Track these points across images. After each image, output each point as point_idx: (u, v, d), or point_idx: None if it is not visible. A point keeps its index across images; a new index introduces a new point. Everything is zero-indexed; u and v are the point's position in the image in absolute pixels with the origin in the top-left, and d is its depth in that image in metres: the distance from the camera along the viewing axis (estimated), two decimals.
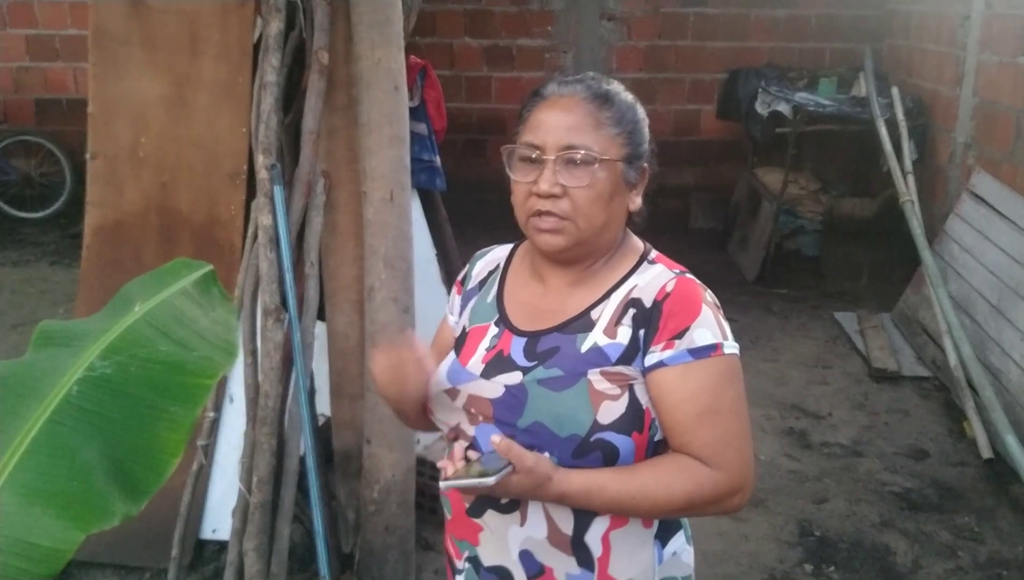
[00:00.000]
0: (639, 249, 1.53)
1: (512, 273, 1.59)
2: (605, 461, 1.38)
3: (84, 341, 1.33)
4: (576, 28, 7.27)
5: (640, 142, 1.48)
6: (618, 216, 1.48)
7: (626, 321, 1.43)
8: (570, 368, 1.41)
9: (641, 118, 1.50)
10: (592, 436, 1.37)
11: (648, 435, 1.41)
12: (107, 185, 3.35)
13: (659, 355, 1.39)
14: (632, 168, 1.46)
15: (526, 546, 1.45)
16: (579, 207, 1.41)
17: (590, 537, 1.43)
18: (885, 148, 5.59)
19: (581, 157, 1.40)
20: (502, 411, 1.42)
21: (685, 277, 1.47)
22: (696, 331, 1.39)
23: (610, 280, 1.48)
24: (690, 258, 1.95)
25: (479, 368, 1.48)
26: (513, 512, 1.44)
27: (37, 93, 7.61)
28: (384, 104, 2.85)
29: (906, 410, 4.47)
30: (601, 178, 1.41)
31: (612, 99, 1.45)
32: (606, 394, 1.39)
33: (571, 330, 1.45)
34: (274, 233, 2.80)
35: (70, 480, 1.19)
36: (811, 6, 7.16)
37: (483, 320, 1.55)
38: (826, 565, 3.28)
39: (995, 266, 4.51)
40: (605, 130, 1.42)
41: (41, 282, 6.19)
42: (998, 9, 5.09)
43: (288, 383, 2.90)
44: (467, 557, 1.53)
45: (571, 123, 1.41)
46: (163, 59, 3.29)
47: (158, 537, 3.08)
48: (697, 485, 1.38)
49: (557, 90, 1.45)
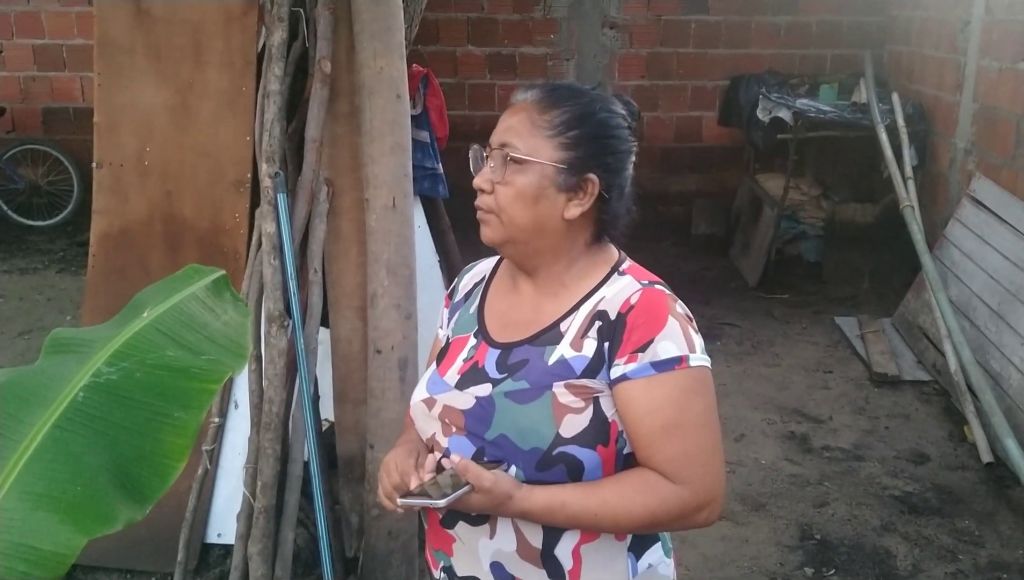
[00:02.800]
0: (612, 260, 1.51)
1: (494, 285, 1.60)
2: (570, 475, 1.37)
3: (93, 347, 1.35)
4: (578, 36, 7.30)
5: (592, 153, 1.43)
6: (549, 220, 1.43)
7: (592, 334, 1.41)
8: (536, 381, 1.41)
9: (603, 130, 1.45)
10: (555, 450, 1.36)
11: (616, 448, 1.40)
12: (113, 193, 3.38)
13: (623, 368, 1.38)
14: (569, 174, 1.42)
15: (496, 558, 1.44)
16: (500, 203, 1.44)
17: (560, 550, 1.42)
18: (886, 154, 5.60)
19: (498, 154, 1.44)
20: (472, 423, 1.42)
21: (653, 288, 1.44)
22: (660, 344, 1.37)
23: (580, 291, 1.47)
24: (692, 264, 1.98)
25: (455, 379, 1.49)
26: (483, 525, 1.44)
27: (44, 102, 7.66)
28: (386, 112, 2.88)
29: (907, 414, 4.48)
30: (523, 177, 1.42)
31: (559, 104, 1.44)
32: (569, 407, 1.38)
33: (540, 342, 1.45)
34: (278, 240, 2.83)
35: (74, 485, 1.20)
36: (812, 13, 7.19)
37: (464, 331, 1.56)
38: (827, 569, 3.30)
39: (995, 271, 4.53)
40: (539, 132, 1.43)
41: (48, 289, 6.23)
42: (998, 15, 5.11)
43: (292, 389, 2.93)
44: (443, 567, 1.53)
45: (511, 124, 1.45)
46: (168, 68, 3.32)
47: (163, 541, 3.11)
48: (660, 501, 1.37)
49: (518, 96, 1.50)
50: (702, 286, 6.20)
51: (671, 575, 1.54)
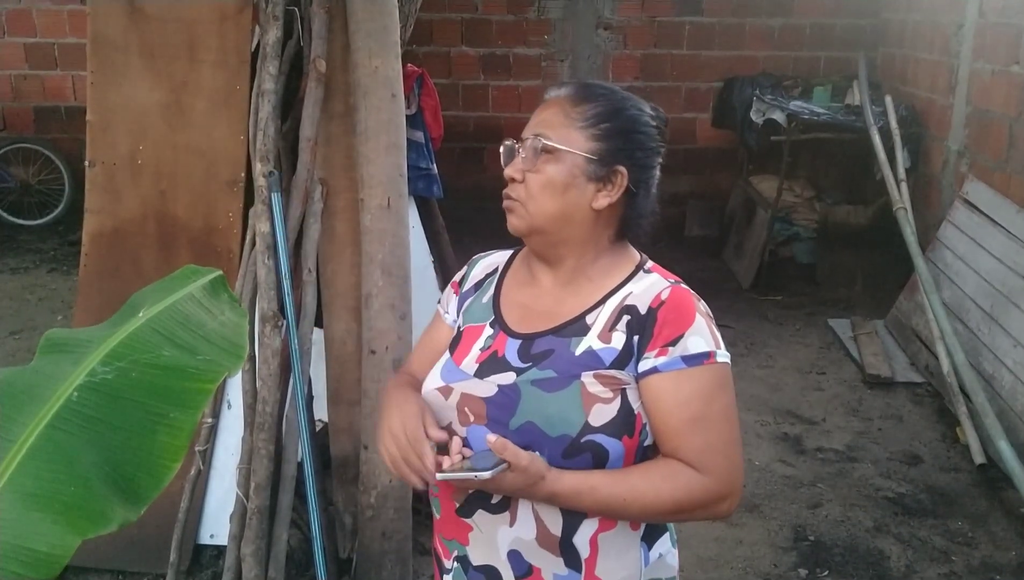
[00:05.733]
0: (636, 259, 1.56)
1: (510, 276, 1.62)
2: (595, 463, 1.40)
3: (88, 347, 1.34)
4: (572, 37, 7.30)
5: (622, 146, 1.48)
6: (577, 209, 1.48)
7: (620, 327, 1.45)
8: (564, 370, 1.43)
9: (633, 125, 1.51)
10: (583, 437, 1.39)
11: (638, 440, 1.43)
12: (105, 192, 3.36)
13: (653, 361, 1.41)
14: (599, 165, 1.47)
15: (515, 546, 1.47)
16: (530, 191, 1.47)
17: (578, 539, 1.45)
18: (879, 156, 5.62)
19: (531, 144, 1.47)
20: (494, 410, 1.44)
21: (680, 287, 1.49)
22: (690, 339, 1.41)
23: (605, 286, 1.51)
24: (685, 265, 1.96)
25: (473, 368, 1.51)
26: (503, 512, 1.46)
27: (36, 101, 7.62)
28: (381, 112, 2.87)
29: (899, 416, 4.49)
30: (554, 166, 1.46)
31: (591, 98, 1.49)
32: (598, 397, 1.41)
33: (566, 334, 1.47)
34: (272, 240, 2.82)
35: (68, 485, 1.18)
36: (805, 15, 7.20)
37: (478, 320, 1.58)
38: (820, 570, 3.30)
39: (988, 273, 4.54)
40: (572, 124, 1.47)
41: (40, 289, 6.20)
42: (991, 18, 5.13)
43: (286, 389, 2.92)
44: (456, 557, 1.55)
45: (545, 118, 1.50)
46: (161, 67, 3.31)
47: (156, 542, 3.10)
48: (686, 490, 1.40)
49: (551, 92, 1.54)
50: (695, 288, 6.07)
51: (676, 565, 1.59)
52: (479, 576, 1.52)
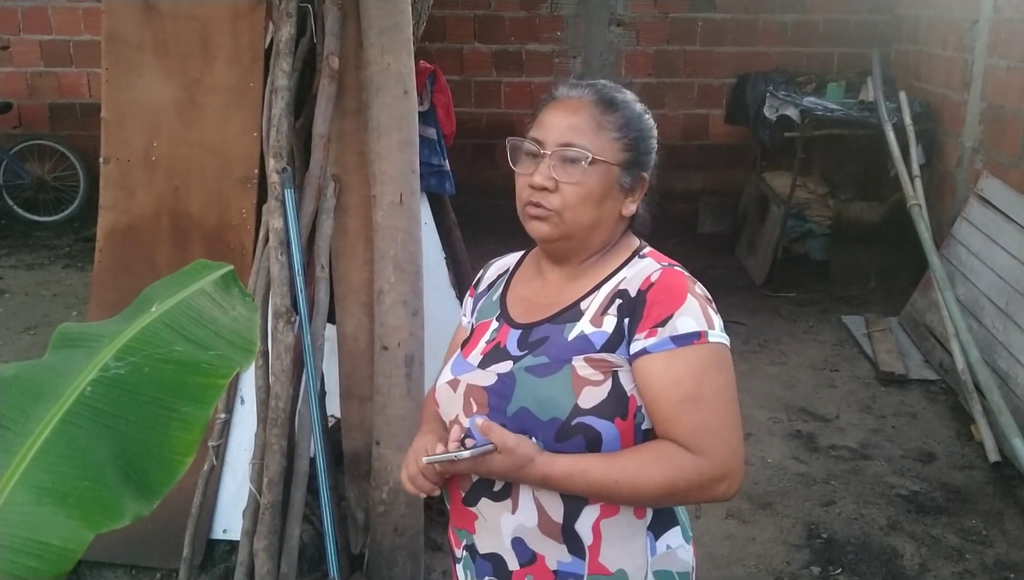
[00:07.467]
0: (633, 245, 1.58)
1: (519, 273, 1.66)
2: (588, 446, 1.41)
3: (101, 342, 1.35)
4: (585, 33, 7.29)
5: (644, 152, 1.52)
6: (609, 218, 1.51)
7: (612, 310, 1.47)
8: (555, 355, 1.45)
9: (648, 129, 1.54)
10: (573, 420, 1.40)
11: (634, 422, 1.43)
12: (120, 189, 3.38)
13: (643, 343, 1.42)
14: (629, 174, 1.50)
15: (518, 533, 1.48)
16: (567, 202, 1.46)
17: (580, 525, 1.45)
18: (893, 152, 5.59)
19: (574, 154, 1.45)
20: (494, 398, 1.46)
21: (672, 269, 1.50)
22: (679, 319, 1.42)
23: (601, 273, 1.53)
24: (698, 262, 1.96)
25: (478, 359, 1.54)
26: (505, 499, 1.48)
27: (51, 98, 7.67)
28: (394, 108, 2.87)
29: (913, 413, 4.47)
30: (593, 178, 1.46)
31: (618, 105, 1.50)
32: (588, 380, 1.42)
33: (560, 320, 1.50)
34: (285, 236, 2.83)
35: (81, 480, 1.19)
36: (819, 11, 7.16)
37: (487, 317, 1.61)
38: (833, 568, 3.29)
39: (1003, 270, 4.51)
40: (605, 133, 1.47)
41: (54, 285, 6.23)
42: (1006, 14, 5.09)
43: (298, 385, 2.93)
44: (465, 545, 1.57)
45: (573, 123, 1.47)
46: (175, 64, 3.33)
47: (169, 537, 3.11)
48: (678, 470, 1.40)
49: (567, 92, 1.52)
50: (708, 284, 6.01)
51: (690, 561, 1.56)
52: (486, 564, 1.53)
